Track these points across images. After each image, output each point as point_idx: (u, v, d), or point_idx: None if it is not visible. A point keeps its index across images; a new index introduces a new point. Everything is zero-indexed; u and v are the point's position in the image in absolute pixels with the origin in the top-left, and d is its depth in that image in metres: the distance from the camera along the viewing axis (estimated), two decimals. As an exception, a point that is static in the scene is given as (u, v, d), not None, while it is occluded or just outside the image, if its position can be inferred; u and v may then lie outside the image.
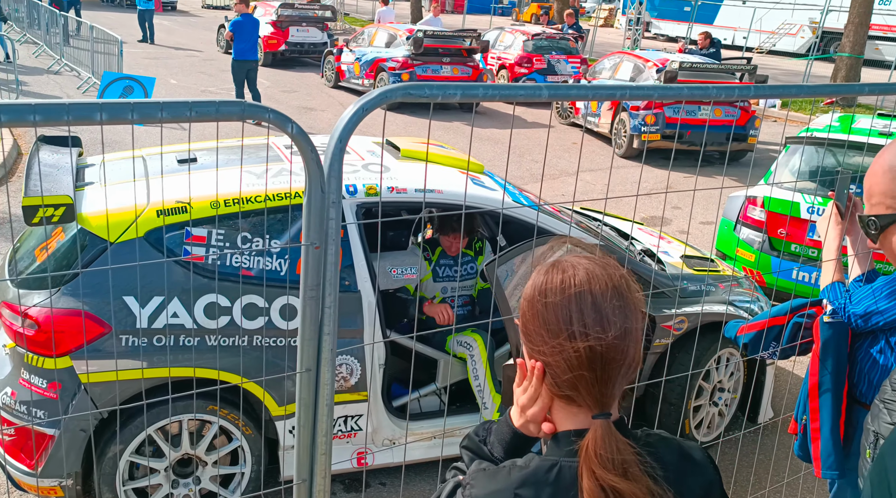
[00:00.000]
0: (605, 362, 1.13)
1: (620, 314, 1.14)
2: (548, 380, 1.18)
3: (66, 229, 3.20)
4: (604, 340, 1.12)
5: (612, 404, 1.17)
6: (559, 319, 1.14)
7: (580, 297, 1.14)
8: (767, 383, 4.21)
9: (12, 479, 3.07)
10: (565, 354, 1.14)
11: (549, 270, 1.20)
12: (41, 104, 1.20)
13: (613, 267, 1.19)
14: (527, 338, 1.21)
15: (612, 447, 1.11)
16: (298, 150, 1.57)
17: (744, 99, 11.24)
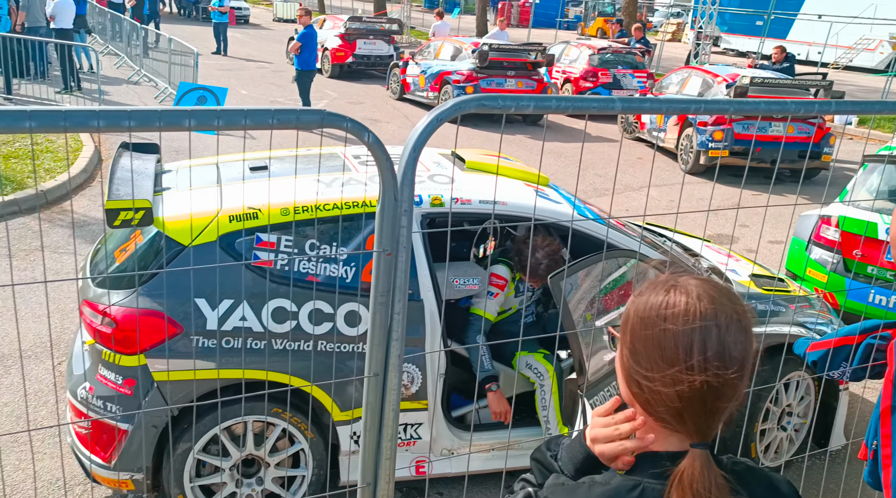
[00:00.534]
0: (718, 397, 1.09)
1: (741, 349, 1.09)
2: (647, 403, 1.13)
3: (144, 232, 3.34)
4: (722, 377, 1.07)
5: (712, 436, 1.12)
6: (679, 347, 1.08)
7: (705, 329, 1.08)
8: (840, 409, 4.06)
9: (88, 471, 3.20)
10: (679, 385, 1.08)
11: (669, 290, 1.13)
12: (136, 111, 1.27)
13: (736, 297, 1.14)
14: (633, 358, 1.14)
15: (710, 481, 1.06)
16: (374, 158, 1.60)
17: (821, 115, 10.87)
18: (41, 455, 3.76)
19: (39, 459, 3.73)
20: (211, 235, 3.15)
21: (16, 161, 8.34)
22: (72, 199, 7.54)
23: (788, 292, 4.25)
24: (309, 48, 11.68)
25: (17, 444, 3.79)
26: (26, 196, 7.21)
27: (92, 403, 3.09)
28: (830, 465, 4.17)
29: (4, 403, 4.12)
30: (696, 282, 1.14)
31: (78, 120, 1.26)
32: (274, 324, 3.14)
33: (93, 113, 1.27)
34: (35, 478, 3.57)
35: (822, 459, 4.21)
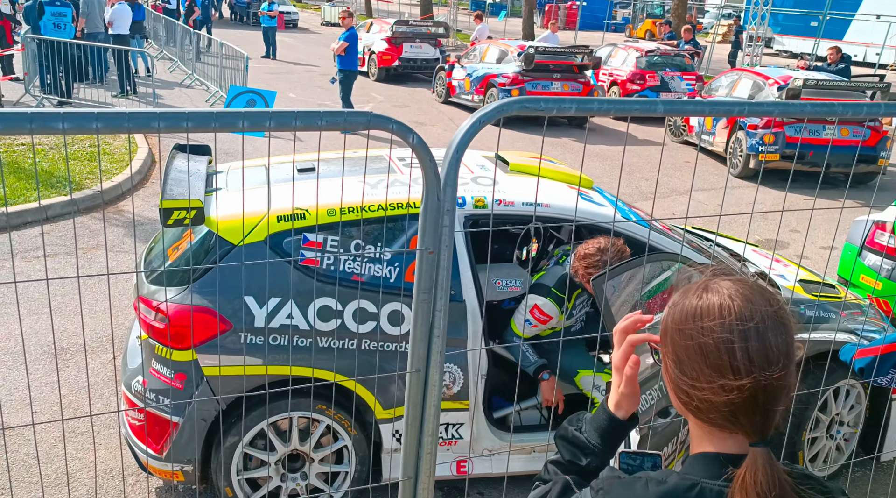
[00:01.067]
0: (768, 396, 1.08)
1: (784, 345, 1.09)
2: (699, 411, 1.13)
3: (196, 232, 3.44)
4: (770, 376, 1.07)
5: (770, 433, 1.12)
6: (721, 352, 1.08)
7: (744, 331, 1.08)
8: (893, 418, 3.96)
9: (140, 462, 3.31)
10: (728, 393, 1.08)
11: (702, 295, 1.13)
12: (193, 112, 1.33)
13: (770, 293, 1.13)
14: (678, 368, 1.14)
15: (775, 479, 1.06)
16: (418, 159, 1.64)
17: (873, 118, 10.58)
18: (97, 446, 3.90)
19: (95, 450, 3.87)
20: (260, 235, 3.24)
21: (74, 162, 8.64)
22: (132, 197, 7.78)
23: (838, 298, 4.16)
24: (351, 50, 11.80)
25: (75, 434, 3.95)
26: (84, 196, 7.47)
27: (145, 395, 3.20)
28: (880, 475, 4.07)
29: (63, 395, 4.28)
30: (728, 283, 1.14)
31: (140, 121, 1.33)
32: (319, 322, 3.21)
33: (154, 115, 1.34)
34: (95, 466, 3.71)
35: (870, 468, 4.11)
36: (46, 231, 6.75)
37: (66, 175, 7.91)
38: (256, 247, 3.22)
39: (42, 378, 4.44)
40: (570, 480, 1.28)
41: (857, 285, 5.44)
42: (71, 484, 3.61)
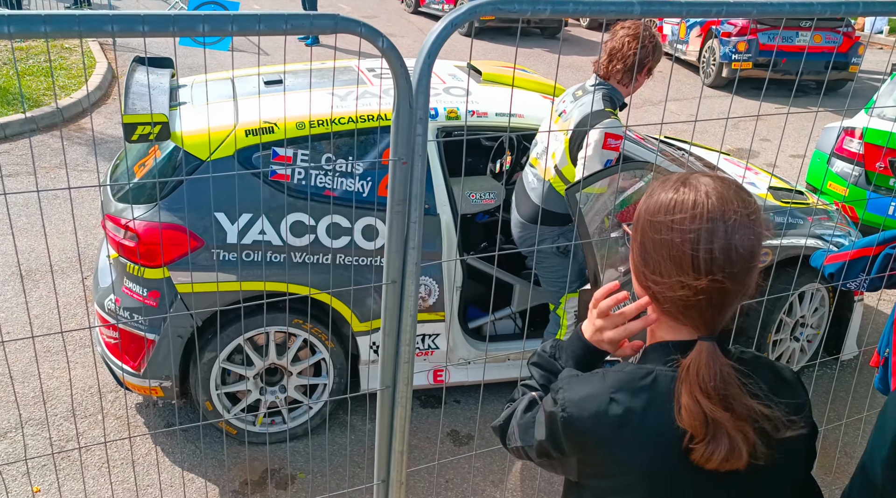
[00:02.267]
0: (723, 296, 1.11)
1: (748, 246, 1.10)
2: (656, 298, 1.16)
3: (162, 148, 3.35)
4: (728, 275, 1.09)
5: (719, 328, 1.15)
6: (685, 248, 1.10)
7: (711, 228, 1.08)
8: (854, 320, 4.10)
9: (118, 378, 3.33)
10: (685, 289, 1.10)
11: (679, 188, 1.13)
12: (150, 15, 1.26)
13: (746, 193, 1.13)
14: (643, 257, 1.16)
15: (715, 372, 1.09)
16: (388, 64, 1.59)
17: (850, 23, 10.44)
18: (73, 364, 3.91)
19: (72, 368, 3.88)
20: (228, 150, 3.16)
21: (30, 78, 8.30)
22: (91, 115, 7.54)
23: (807, 205, 4.22)
24: None
25: (50, 354, 3.94)
26: (42, 113, 7.21)
27: (119, 314, 3.19)
28: (841, 374, 4.25)
29: (35, 316, 4.25)
30: (708, 179, 1.14)
31: (92, 24, 1.26)
32: (293, 238, 3.19)
33: (107, 17, 1.26)
34: (70, 383, 3.73)
35: (832, 367, 4.28)
36: (6, 150, 6.54)
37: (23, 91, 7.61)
38: (225, 162, 3.15)
39: (12, 299, 4.40)
40: (535, 395, 1.31)
41: (825, 192, 5.53)
42: (50, 402, 3.64)
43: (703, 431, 1.08)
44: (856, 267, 2.46)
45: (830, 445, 3.63)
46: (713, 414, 1.07)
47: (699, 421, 1.08)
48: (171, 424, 3.55)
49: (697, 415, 1.08)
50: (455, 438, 3.62)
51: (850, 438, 3.67)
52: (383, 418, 1.98)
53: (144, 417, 3.62)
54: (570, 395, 1.18)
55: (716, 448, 1.07)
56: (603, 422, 1.13)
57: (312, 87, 3.65)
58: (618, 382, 1.15)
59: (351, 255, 3.26)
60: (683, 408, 1.09)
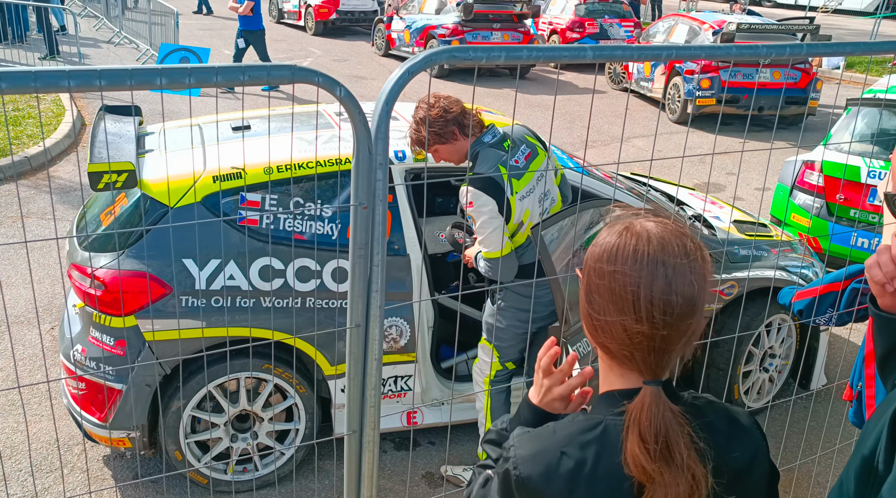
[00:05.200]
0: (666, 339, 1.12)
1: (690, 289, 1.11)
2: (602, 343, 1.17)
3: (129, 195, 3.35)
4: (669, 321, 1.10)
5: (665, 373, 1.15)
6: (626, 294, 1.11)
7: (652, 274, 1.10)
8: (821, 350, 4.16)
9: (85, 431, 3.26)
10: (627, 331, 1.12)
11: (621, 233, 1.15)
12: (107, 70, 1.28)
13: (687, 236, 1.15)
14: (588, 299, 1.18)
15: (660, 416, 1.09)
16: (346, 112, 1.62)
17: (798, 59, 10.81)
18: (39, 417, 3.83)
19: (37, 421, 3.80)
20: (196, 196, 3.16)
21: (-2, 128, 8.25)
22: (46, 165, 7.50)
23: (770, 237, 4.31)
24: (257, 6, 11.04)
25: (15, 407, 3.86)
26: (9, 163, 7.16)
27: (85, 364, 3.14)
28: (814, 405, 4.29)
29: (0, 368, 4.17)
30: (651, 224, 1.15)
31: (49, 80, 1.27)
32: (262, 282, 3.18)
33: (63, 73, 1.28)
34: (28, 438, 3.64)
35: (806, 399, 4.33)
36: (-28, 201, 6.47)
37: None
38: (192, 209, 3.16)
39: (-23, 352, 4.31)
40: (490, 473, 1.30)
41: (789, 224, 5.64)
42: (15, 457, 3.55)
43: (647, 478, 1.08)
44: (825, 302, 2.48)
45: (803, 476, 3.64)
46: (650, 462, 1.07)
47: (640, 467, 1.08)
48: (138, 476, 3.47)
49: (639, 461, 1.08)
50: (430, 481, 3.58)
51: (823, 469, 3.69)
52: (351, 463, 1.97)
53: (112, 470, 3.54)
54: (522, 452, 1.17)
55: (662, 494, 1.07)
56: (555, 477, 1.13)
57: (281, 131, 3.68)
58: (567, 436, 1.15)
59: (321, 298, 3.26)
60: (628, 454, 1.09)
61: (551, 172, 3.17)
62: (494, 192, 2.88)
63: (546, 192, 3.10)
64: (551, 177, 3.17)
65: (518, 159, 3.02)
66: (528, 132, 3.20)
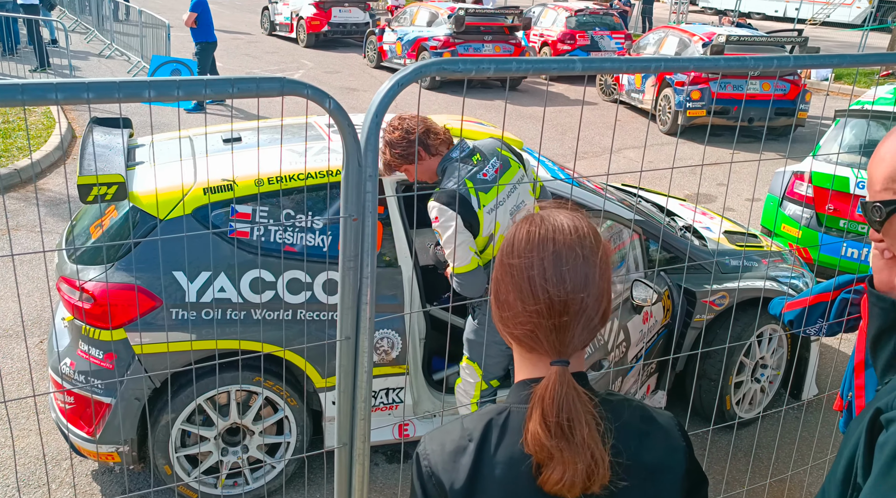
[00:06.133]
0: (564, 313, 1.14)
1: (581, 263, 1.15)
2: (510, 332, 1.21)
3: (119, 207, 3.33)
4: (563, 292, 1.14)
5: (571, 353, 1.17)
6: (523, 273, 1.16)
7: (543, 250, 1.16)
8: (811, 360, 4.16)
9: (73, 445, 3.23)
10: (528, 309, 1.16)
11: (519, 225, 1.22)
12: (94, 82, 1.28)
13: (583, 220, 1.21)
14: (496, 296, 1.22)
15: (560, 395, 1.11)
16: (336, 124, 1.62)
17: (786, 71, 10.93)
18: (26, 432, 3.79)
19: (25, 436, 3.76)
20: (186, 209, 3.15)
21: (-12, 140, 8.22)
22: (35, 177, 7.47)
23: (761, 248, 4.32)
24: (203, 18, 10.51)
25: (2, 421, 3.82)
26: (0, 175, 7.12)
27: (74, 378, 3.11)
28: (805, 415, 4.29)
29: (-12, 383, 4.13)
30: (548, 212, 1.21)
31: (36, 93, 1.27)
32: (252, 294, 3.17)
33: (50, 86, 1.28)
34: (14, 453, 3.60)
35: (798, 409, 4.33)
36: (-39, 213, 6.42)
37: (-21, 154, 7.54)
38: (182, 221, 3.14)
39: (-35, 366, 4.27)
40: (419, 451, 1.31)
41: (779, 234, 5.66)
42: (1, 472, 3.51)
43: (542, 456, 1.11)
44: (814, 313, 2.49)
45: (795, 487, 3.64)
46: (549, 439, 1.10)
47: (539, 444, 1.10)
48: (126, 491, 3.44)
49: (535, 439, 1.11)
50: (422, 494, 3.56)
51: (815, 479, 3.69)
52: (341, 476, 1.95)
53: (101, 485, 3.50)
54: (432, 445, 1.22)
55: (555, 473, 1.10)
56: (459, 464, 1.17)
57: (272, 143, 3.68)
58: (472, 423, 1.20)
59: (312, 310, 3.25)
60: (529, 432, 1.12)
61: (527, 185, 3.16)
62: (460, 207, 2.88)
63: (519, 205, 3.10)
64: (527, 188, 3.15)
65: (487, 173, 3.03)
66: (500, 145, 3.17)
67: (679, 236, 3.98)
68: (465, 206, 2.90)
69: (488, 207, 2.98)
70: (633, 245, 3.81)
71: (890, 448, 1.17)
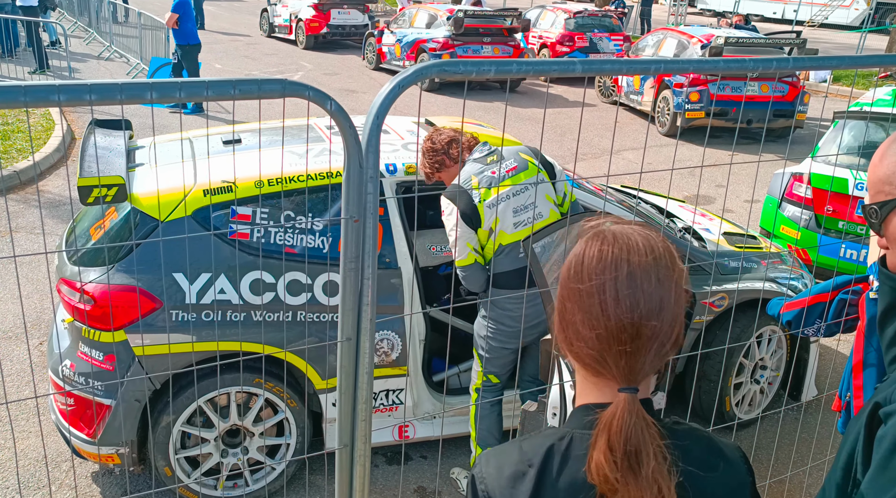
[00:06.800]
0: (636, 337, 1.08)
1: (656, 287, 1.09)
2: (576, 353, 1.14)
3: (119, 209, 3.34)
4: (636, 316, 1.08)
5: (640, 380, 1.11)
6: (594, 294, 1.10)
7: (617, 270, 1.09)
8: (811, 361, 4.17)
9: (73, 447, 3.23)
10: (598, 332, 1.10)
11: (587, 241, 1.15)
12: (96, 84, 1.28)
13: (657, 238, 1.14)
14: (561, 313, 1.16)
15: (629, 424, 1.06)
16: (337, 126, 1.62)
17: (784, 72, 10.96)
18: (27, 433, 3.79)
19: (25, 438, 3.76)
20: (187, 210, 3.16)
21: (-13, 142, 8.22)
22: (36, 178, 7.47)
23: (760, 249, 4.33)
24: (185, 19, 10.11)
25: (2, 423, 3.82)
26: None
27: (74, 379, 3.12)
28: (804, 416, 4.30)
29: (-13, 384, 4.13)
30: (619, 227, 1.15)
31: (38, 94, 1.27)
32: (252, 295, 3.17)
33: (53, 87, 1.28)
34: (15, 454, 3.60)
35: (797, 410, 4.34)
36: (-40, 215, 6.42)
37: (-22, 156, 7.54)
38: (182, 222, 3.15)
39: (-36, 368, 4.27)
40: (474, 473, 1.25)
41: (778, 236, 5.67)
42: (2, 474, 3.51)
43: (609, 488, 1.05)
44: (812, 313, 2.49)
45: (795, 488, 3.64)
46: (614, 471, 1.04)
47: (603, 476, 1.05)
48: (126, 493, 3.44)
49: (599, 469, 1.05)
50: (422, 495, 3.56)
51: (815, 480, 3.69)
52: (342, 478, 1.96)
53: (101, 487, 3.50)
54: (488, 468, 1.16)
55: None
56: (520, 488, 1.11)
57: (273, 145, 3.68)
58: (532, 448, 1.14)
59: (313, 311, 3.25)
60: (593, 462, 1.06)
61: (545, 191, 3.22)
62: (459, 200, 3.13)
63: (528, 205, 3.17)
64: (542, 192, 3.21)
65: (496, 171, 3.18)
66: (526, 151, 3.32)
67: (678, 238, 3.99)
68: (464, 199, 3.12)
69: (489, 202, 3.13)
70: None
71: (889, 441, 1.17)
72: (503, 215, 3.12)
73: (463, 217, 3.10)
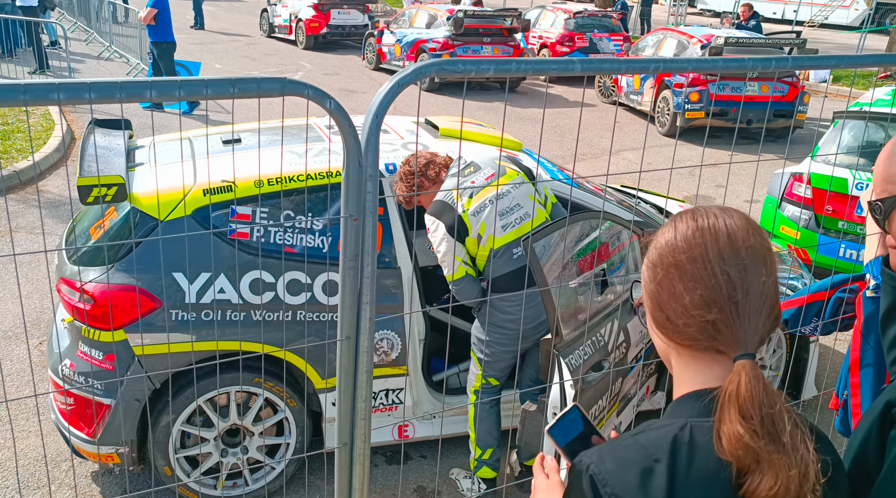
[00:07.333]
0: (745, 295, 1.04)
1: (760, 245, 1.07)
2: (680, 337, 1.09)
3: (119, 209, 3.34)
4: (742, 269, 1.04)
5: (756, 347, 1.04)
6: (696, 261, 1.06)
7: (714, 232, 1.07)
8: (811, 361, 4.17)
9: (73, 446, 3.23)
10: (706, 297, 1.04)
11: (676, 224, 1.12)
12: (96, 82, 1.28)
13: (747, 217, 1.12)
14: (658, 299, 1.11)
15: (759, 389, 0.99)
16: (336, 125, 1.62)
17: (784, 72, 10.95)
18: (26, 433, 3.80)
19: (24, 437, 3.76)
20: (186, 210, 3.16)
21: (-13, 142, 8.22)
22: (36, 178, 7.47)
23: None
24: (163, 16, 9.88)
25: (2, 422, 3.82)
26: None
27: (73, 379, 3.12)
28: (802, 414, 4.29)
29: (-13, 384, 4.13)
30: (717, 209, 1.13)
31: (38, 93, 1.27)
32: (252, 295, 3.17)
33: (53, 86, 1.28)
34: (15, 453, 3.61)
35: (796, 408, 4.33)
36: (-40, 215, 6.43)
37: (-22, 156, 7.54)
38: (182, 222, 3.15)
39: (-36, 368, 4.27)
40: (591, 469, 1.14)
41: (777, 235, 5.67)
42: (1, 474, 3.51)
43: (747, 460, 0.98)
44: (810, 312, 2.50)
45: (795, 487, 3.64)
46: (756, 439, 0.98)
47: (740, 447, 0.98)
48: (126, 492, 3.44)
49: (738, 440, 0.98)
50: (422, 494, 3.56)
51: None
52: (342, 477, 1.96)
53: (100, 486, 3.50)
54: (607, 466, 1.06)
55: (765, 481, 0.98)
56: (652, 485, 1.03)
57: (273, 144, 3.68)
58: (653, 442, 1.05)
59: (312, 311, 3.25)
60: (724, 436, 0.99)
61: (526, 192, 3.24)
62: (444, 214, 3.15)
63: (513, 207, 3.20)
64: (525, 192, 3.23)
65: (475, 180, 3.24)
66: (503, 158, 3.37)
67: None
68: (448, 212, 3.15)
69: (472, 210, 3.16)
70: (633, 246, 3.81)
71: None
72: (490, 220, 3.14)
73: (449, 231, 3.12)
